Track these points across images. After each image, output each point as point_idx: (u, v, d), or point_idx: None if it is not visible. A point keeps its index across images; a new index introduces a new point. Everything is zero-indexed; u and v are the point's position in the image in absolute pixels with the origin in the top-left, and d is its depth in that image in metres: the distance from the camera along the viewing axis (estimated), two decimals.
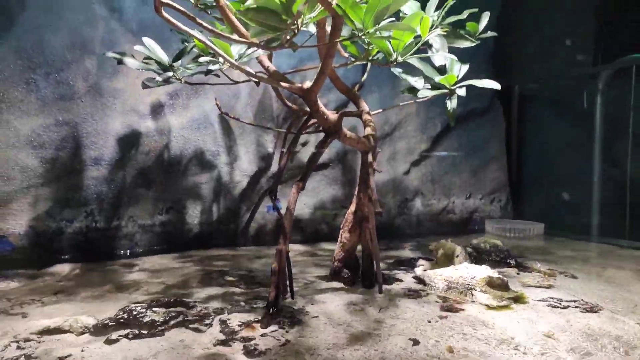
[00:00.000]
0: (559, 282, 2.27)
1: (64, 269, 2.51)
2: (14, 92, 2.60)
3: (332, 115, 2.04)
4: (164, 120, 2.97)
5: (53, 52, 2.67)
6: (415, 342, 1.50)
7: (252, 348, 1.43)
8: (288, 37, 1.68)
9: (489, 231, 3.90)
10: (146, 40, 2.03)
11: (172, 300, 1.91)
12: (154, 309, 1.79)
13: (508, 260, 2.66)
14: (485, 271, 2.10)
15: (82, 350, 1.42)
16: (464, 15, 2.41)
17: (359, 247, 2.24)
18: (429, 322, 1.70)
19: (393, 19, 1.81)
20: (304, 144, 3.40)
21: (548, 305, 1.90)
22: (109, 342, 1.49)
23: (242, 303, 1.89)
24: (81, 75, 2.74)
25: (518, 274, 2.44)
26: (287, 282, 1.87)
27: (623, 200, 3.71)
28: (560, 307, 1.88)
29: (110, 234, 2.86)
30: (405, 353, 1.43)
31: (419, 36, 2.05)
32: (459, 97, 2.27)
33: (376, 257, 2.06)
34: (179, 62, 2.02)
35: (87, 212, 2.79)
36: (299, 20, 1.69)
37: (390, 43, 1.91)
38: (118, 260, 2.77)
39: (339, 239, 2.25)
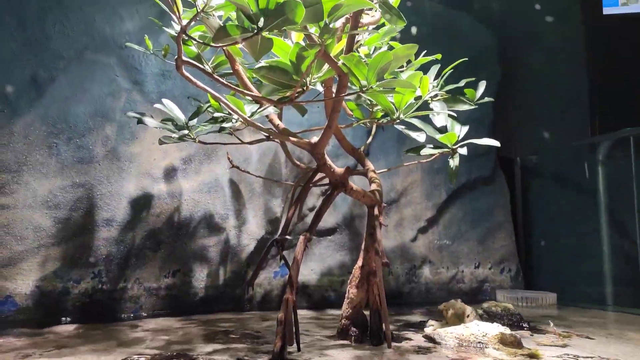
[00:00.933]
0: (574, 342, 2.19)
1: (67, 328, 2.47)
2: (37, 155, 2.74)
3: (338, 169, 2.12)
4: (176, 183, 3.07)
5: (76, 120, 2.85)
6: None
7: None
8: (297, 93, 1.81)
9: (501, 300, 3.80)
10: (165, 101, 2.18)
11: (174, 353, 1.86)
12: (147, 346, 1.74)
13: (521, 324, 2.58)
14: (497, 328, 2.05)
15: None
16: (462, 83, 2.59)
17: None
18: None
19: (395, 76, 1.96)
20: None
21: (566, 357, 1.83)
22: None
23: (247, 357, 1.83)
24: (101, 141, 2.89)
25: (531, 335, 2.35)
26: (294, 333, 1.83)
27: (636, 270, 3.66)
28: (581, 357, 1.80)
29: (115, 296, 2.84)
30: None
31: (420, 97, 2.20)
32: (463, 166, 2.36)
33: (384, 311, 2.02)
34: (195, 120, 2.15)
35: (95, 273, 2.80)
36: (308, 79, 1.84)
37: (392, 102, 2.04)
38: (121, 322, 2.72)
39: (346, 295, 2.23)
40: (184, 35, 2.11)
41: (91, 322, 2.63)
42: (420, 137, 2.14)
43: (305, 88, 1.83)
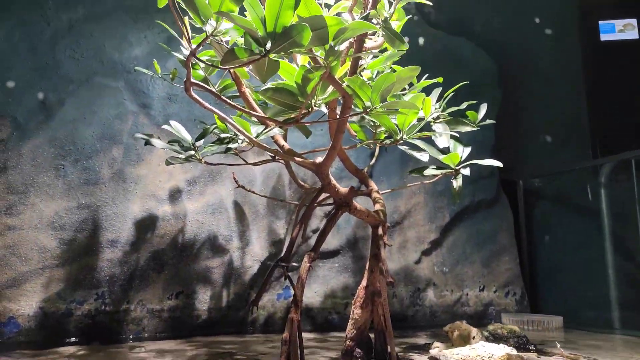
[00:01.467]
0: None
1: (69, 349, 2.45)
2: (44, 177, 2.77)
3: (342, 189, 2.14)
4: (181, 205, 3.10)
5: (84, 142, 2.89)
6: None
7: None
8: (302, 114, 1.85)
9: (506, 324, 3.75)
10: (173, 123, 2.23)
11: None
12: None
13: (527, 346, 2.55)
14: (503, 349, 2.03)
15: None
16: (463, 106, 2.63)
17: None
18: None
19: (398, 98, 2.00)
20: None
21: None
22: None
23: None
24: (107, 162, 2.93)
25: (538, 357, 2.32)
26: (298, 353, 1.82)
27: None
28: None
29: (118, 318, 2.82)
30: None
31: (423, 119, 2.24)
32: (466, 188, 2.38)
33: (389, 332, 2.01)
34: (201, 142, 2.19)
35: (98, 295, 2.79)
36: (313, 100, 1.88)
37: (396, 123, 2.08)
38: (123, 343, 2.70)
39: (350, 315, 2.21)
40: (192, 59, 2.17)
41: (93, 344, 2.61)
42: (424, 157, 2.17)
43: (310, 109, 1.88)
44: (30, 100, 2.82)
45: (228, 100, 1.77)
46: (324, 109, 2.07)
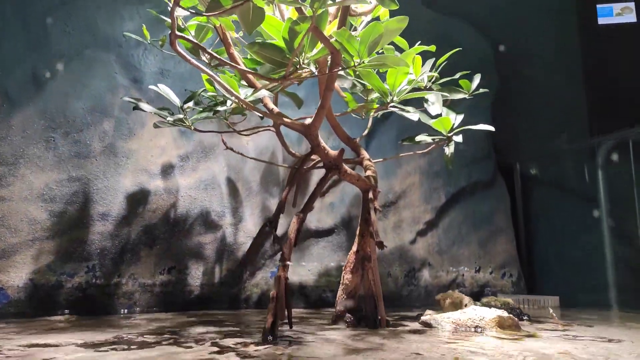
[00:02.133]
0: (574, 328, 2.14)
1: (59, 318, 2.43)
2: (34, 148, 2.75)
3: (332, 152, 2.11)
4: (173, 180, 3.07)
5: (74, 115, 2.87)
6: (418, 354, 1.40)
7: (247, 355, 1.34)
8: (290, 72, 1.83)
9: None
10: (161, 86, 2.20)
11: (165, 332, 1.82)
12: (146, 336, 1.71)
13: (521, 317, 2.52)
14: (495, 312, 2.00)
15: (67, 355, 1.34)
16: (457, 76, 2.61)
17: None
18: (434, 345, 1.59)
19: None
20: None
21: (563, 339, 1.78)
22: (97, 351, 1.41)
23: (239, 334, 1.79)
24: (98, 136, 2.91)
25: (531, 324, 2.30)
26: (285, 310, 1.79)
27: (638, 273, 3.60)
28: (577, 339, 1.75)
29: (109, 291, 2.80)
30: (412, 357, 1.33)
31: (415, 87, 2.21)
32: (462, 170, 2.35)
33: (378, 294, 1.99)
34: (191, 103, 2.16)
35: (89, 268, 2.77)
36: (300, 57, 1.86)
37: (386, 84, 2.05)
38: (115, 315, 2.68)
39: (341, 281, 2.19)
40: (180, 25, 2.15)
41: (84, 316, 2.59)
42: (414, 117, 2.14)
43: (298, 66, 1.85)
44: (20, 72, 2.79)
45: (214, 54, 1.75)
46: (312, 69, 2.05)
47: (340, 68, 1.80)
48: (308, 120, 2.06)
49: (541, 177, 4.46)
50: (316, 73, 2.02)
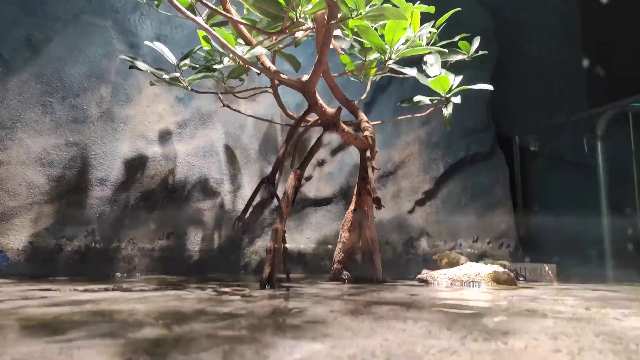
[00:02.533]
0: (569, 285, 2.16)
1: (60, 278, 2.45)
2: (30, 113, 2.74)
3: (329, 109, 2.10)
4: (171, 147, 3.07)
5: (71, 80, 2.85)
6: (414, 295, 1.41)
7: (248, 294, 1.36)
8: (287, 26, 1.81)
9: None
10: (157, 43, 2.18)
11: (167, 284, 1.84)
12: (149, 285, 1.72)
13: (518, 277, 2.55)
14: (491, 267, 2.02)
15: (61, 292, 1.35)
16: (456, 38, 2.58)
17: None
18: (431, 291, 1.60)
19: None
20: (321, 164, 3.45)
21: (559, 290, 1.79)
22: (96, 292, 1.43)
23: (238, 286, 1.81)
24: (95, 101, 2.90)
25: (527, 283, 2.32)
26: (282, 262, 1.81)
27: (636, 246, 3.63)
28: (572, 290, 1.77)
29: (109, 255, 2.82)
30: (408, 297, 1.34)
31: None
32: (461, 141, 2.34)
33: (376, 250, 2.00)
34: (187, 61, 2.15)
35: (88, 232, 2.78)
36: (297, 11, 1.84)
37: (384, 41, 2.03)
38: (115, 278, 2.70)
39: (338, 239, 2.20)
40: None
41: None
42: (412, 72, 2.12)
43: (295, 20, 1.83)
44: (16, 36, 2.77)
45: (211, 5, 1.73)
46: (310, 24, 2.03)
47: (337, 20, 1.79)
48: (305, 77, 2.05)
49: (540, 148, 4.46)
50: (313, 28, 2.00)
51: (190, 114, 3.16)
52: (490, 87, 2.34)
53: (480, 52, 2.57)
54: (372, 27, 1.98)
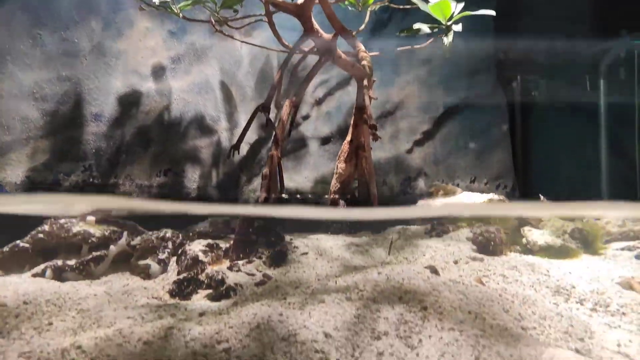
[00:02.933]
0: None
1: None
2: (20, 45, 2.67)
3: (326, 35, 2.05)
4: (165, 83, 3.01)
5: (60, 11, 2.76)
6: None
7: None
8: None
9: None
10: None
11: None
12: None
13: None
14: (486, 196, 2.03)
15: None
16: None
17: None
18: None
19: None
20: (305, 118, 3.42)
21: None
22: None
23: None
24: (86, 35, 2.81)
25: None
26: (278, 187, 1.82)
27: (635, 189, 3.65)
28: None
29: (107, 191, 2.83)
30: None
31: None
32: (462, 81, 2.27)
33: (372, 177, 2.00)
34: None
35: (85, 167, 2.78)
36: None
37: None
38: None
39: (335, 170, 2.21)
40: None
41: None
42: None
43: None
44: None
45: None
46: None
47: None
48: (301, 0, 1.98)
49: (541, 90, 4.38)
50: None
51: (184, 49, 3.08)
52: (492, 12, 2.27)
53: None
54: None
